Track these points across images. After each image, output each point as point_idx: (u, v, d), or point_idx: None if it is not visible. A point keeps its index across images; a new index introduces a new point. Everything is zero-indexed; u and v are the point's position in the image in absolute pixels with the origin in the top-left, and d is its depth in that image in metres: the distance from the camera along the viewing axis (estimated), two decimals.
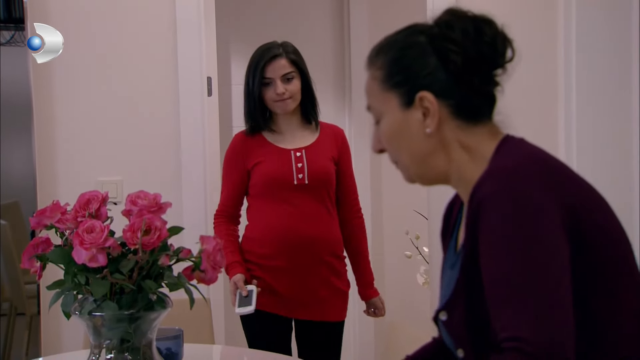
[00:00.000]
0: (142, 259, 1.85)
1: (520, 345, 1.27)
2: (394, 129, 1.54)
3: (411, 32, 1.55)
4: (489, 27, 1.51)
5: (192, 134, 3.64)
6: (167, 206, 1.95)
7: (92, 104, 3.64)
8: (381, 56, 1.56)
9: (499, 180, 1.38)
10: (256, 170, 3.11)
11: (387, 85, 1.54)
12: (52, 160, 3.62)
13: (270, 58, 3.06)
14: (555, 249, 1.33)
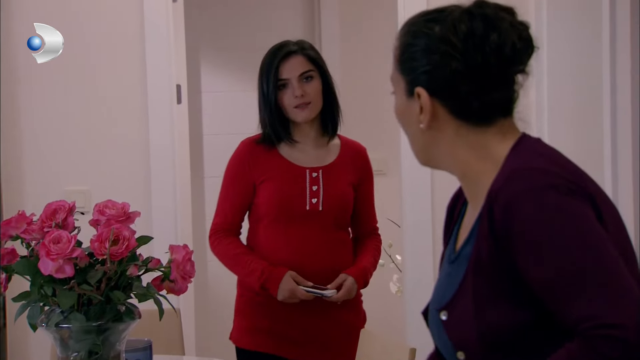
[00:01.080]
0: (110, 269, 1.84)
1: (614, 332, 1.26)
2: (400, 111, 1.51)
3: (432, 19, 1.46)
4: (499, 31, 1.41)
5: (162, 142, 3.61)
6: (136, 215, 1.95)
7: (58, 112, 3.61)
8: (400, 34, 1.50)
9: (527, 178, 1.36)
10: (263, 187, 2.69)
11: (399, 68, 1.49)
12: (17, 169, 3.57)
13: (285, 55, 2.65)
14: (603, 235, 1.34)
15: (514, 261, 1.35)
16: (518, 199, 1.34)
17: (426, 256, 3.71)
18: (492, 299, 1.38)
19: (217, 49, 4.79)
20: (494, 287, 1.38)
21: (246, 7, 4.85)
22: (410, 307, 3.63)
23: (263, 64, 2.70)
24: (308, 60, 2.67)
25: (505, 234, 1.35)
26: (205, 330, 4.00)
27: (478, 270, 1.40)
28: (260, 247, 2.71)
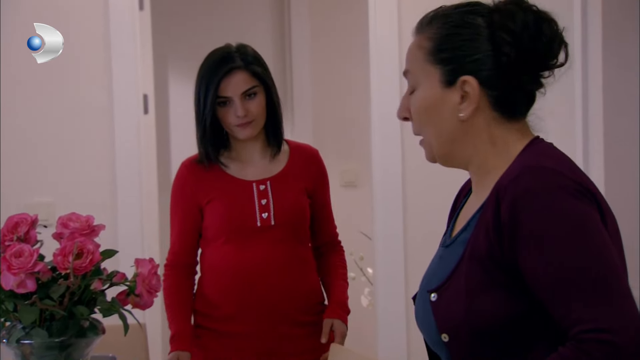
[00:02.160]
0: (74, 284, 1.81)
1: (607, 337, 1.28)
2: (427, 104, 1.52)
3: (470, 11, 1.51)
4: (549, 25, 1.48)
5: (128, 153, 3.58)
6: (100, 229, 1.92)
7: (22, 123, 3.56)
8: (433, 27, 1.52)
9: (537, 176, 1.39)
10: (210, 208, 2.55)
11: (433, 59, 1.50)
12: None
13: (227, 72, 2.49)
14: (608, 240, 1.36)
15: (515, 254, 1.38)
16: (527, 195, 1.37)
17: (398, 269, 3.69)
18: (485, 286, 1.40)
19: (186, 58, 4.74)
20: (489, 274, 1.40)
21: (215, 16, 4.84)
22: (381, 320, 3.61)
23: (202, 76, 2.52)
24: (252, 75, 2.50)
25: (510, 227, 1.38)
26: None
27: (474, 256, 1.43)
28: (212, 270, 2.56)
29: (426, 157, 1.58)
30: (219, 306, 2.54)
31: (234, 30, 4.80)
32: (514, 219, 1.37)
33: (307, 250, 2.62)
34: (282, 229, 2.53)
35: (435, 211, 3.77)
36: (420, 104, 1.52)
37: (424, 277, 1.57)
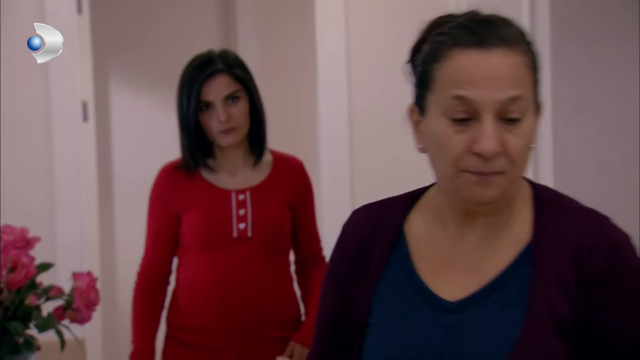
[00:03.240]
0: (7, 298, 1.80)
1: None
2: (533, 134, 1.26)
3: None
4: None
5: (66, 162, 3.53)
6: (36, 241, 1.90)
7: None
8: (526, 42, 1.27)
9: (611, 224, 1.28)
10: (187, 216, 2.49)
11: (535, 80, 1.27)
12: None
13: (209, 75, 2.42)
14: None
15: (595, 315, 1.24)
16: (622, 248, 1.26)
17: None
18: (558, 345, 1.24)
19: (128, 64, 4.69)
20: (572, 346, 1.24)
21: (158, 20, 4.79)
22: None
23: (184, 81, 2.46)
24: (234, 79, 2.44)
25: (604, 284, 1.24)
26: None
27: (553, 324, 1.24)
28: (187, 280, 2.50)
29: (492, 196, 1.25)
30: (191, 318, 2.47)
31: (177, 36, 4.75)
32: (612, 274, 1.24)
33: (284, 264, 2.56)
34: (259, 241, 2.46)
35: None
36: (530, 136, 1.25)
37: (416, 354, 1.30)
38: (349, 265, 1.39)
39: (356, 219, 1.45)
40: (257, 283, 2.46)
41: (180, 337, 2.50)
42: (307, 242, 2.62)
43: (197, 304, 2.47)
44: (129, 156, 4.69)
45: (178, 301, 2.52)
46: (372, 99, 3.76)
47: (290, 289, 2.57)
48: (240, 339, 2.44)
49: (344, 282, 1.38)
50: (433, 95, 1.28)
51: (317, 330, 1.44)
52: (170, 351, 2.53)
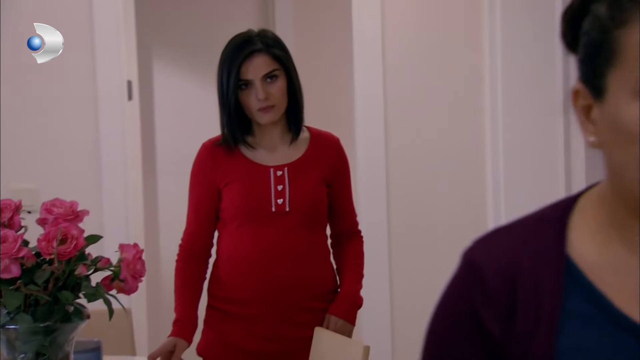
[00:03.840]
0: (58, 269, 1.82)
1: None
2: None
3: None
4: None
5: (112, 139, 3.57)
6: (85, 214, 1.92)
7: (5, 108, 3.55)
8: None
9: None
10: (227, 191, 2.54)
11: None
12: None
13: (248, 54, 2.46)
14: None
15: None
16: None
17: (381, 254, 3.72)
18: None
19: (170, 44, 4.75)
20: None
21: (199, 1, 4.82)
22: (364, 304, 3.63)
23: (224, 60, 2.50)
24: (273, 58, 2.48)
25: None
26: (158, 330, 3.96)
27: None
28: (227, 253, 2.56)
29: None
30: (231, 289, 2.53)
31: (217, 16, 4.79)
32: None
33: (321, 238, 2.60)
34: (297, 216, 2.51)
35: (419, 200, 3.82)
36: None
37: None
38: (496, 314, 1.03)
39: (486, 255, 1.06)
40: (294, 256, 2.51)
41: (220, 306, 2.56)
42: (343, 217, 2.66)
43: (237, 276, 2.52)
44: (171, 133, 4.76)
45: (219, 273, 2.58)
46: (407, 78, 3.78)
47: (327, 262, 2.62)
48: (278, 309, 2.50)
49: (491, 339, 1.03)
50: (617, 72, 0.96)
51: None
52: (211, 320, 2.59)
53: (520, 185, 3.68)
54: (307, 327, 2.52)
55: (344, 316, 2.56)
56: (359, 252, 2.69)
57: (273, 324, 2.50)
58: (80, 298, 1.89)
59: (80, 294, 1.88)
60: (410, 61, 3.77)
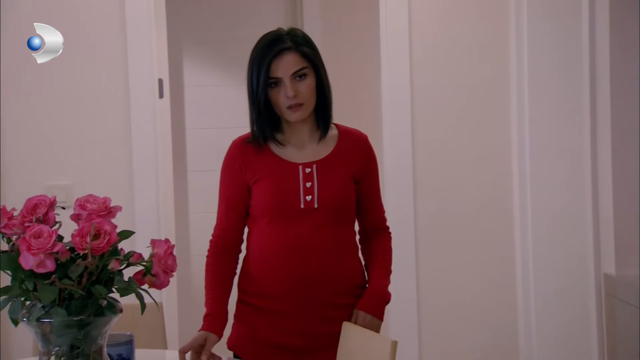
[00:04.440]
0: (92, 264, 1.83)
1: None
2: None
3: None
4: None
5: (144, 137, 3.61)
6: (117, 210, 1.93)
7: (40, 107, 3.60)
8: None
9: None
10: (256, 188, 2.56)
11: None
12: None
13: (278, 53, 2.47)
14: None
15: None
16: None
17: (408, 250, 3.73)
18: None
19: (200, 42, 4.78)
20: None
21: (228, 0, 4.84)
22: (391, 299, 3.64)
23: (253, 58, 2.51)
24: (302, 57, 2.49)
25: None
26: (188, 325, 3.99)
27: None
28: (257, 249, 2.58)
29: None
30: (261, 284, 2.55)
31: (246, 15, 4.82)
32: None
33: (349, 234, 2.61)
34: (325, 213, 2.52)
35: (445, 196, 3.83)
36: None
37: None
38: None
39: None
40: (323, 252, 2.52)
41: (250, 301, 2.58)
42: (371, 213, 2.67)
43: (266, 271, 2.54)
44: (201, 130, 4.80)
45: (249, 268, 2.60)
46: (434, 75, 3.78)
47: (356, 258, 2.63)
48: (307, 304, 2.52)
49: None
50: None
51: None
52: (241, 314, 2.61)
53: (546, 181, 3.67)
54: (335, 322, 2.53)
55: (372, 311, 2.57)
56: (387, 248, 2.70)
57: (302, 319, 2.52)
58: (113, 292, 1.90)
59: (113, 288, 1.90)
60: (437, 58, 3.78)
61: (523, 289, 3.76)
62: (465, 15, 3.79)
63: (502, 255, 3.84)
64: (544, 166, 3.68)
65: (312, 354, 2.55)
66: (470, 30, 3.78)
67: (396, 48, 3.72)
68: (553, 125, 3.67)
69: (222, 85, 4.77)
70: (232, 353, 2.65)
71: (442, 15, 3.78)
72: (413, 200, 3.75)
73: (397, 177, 3.73)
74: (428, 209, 3.79)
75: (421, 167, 3.78)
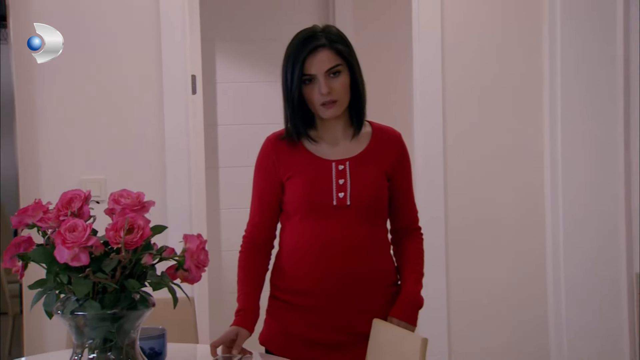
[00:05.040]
0: (125, 258, 1.84)
1: None
2: None
3: None
4: None
5: (177, 132, 3.63)
6: (151, 205, 1.94)
7: (75, 103, 3.63)
8: None
9: None
10: (290, 184, 2.57)
11: None
12: (34, 159, 3.60)
13: (312, 50, 2.48)
14: None
15: None
16: None
17: (439, 248, 3.73)
18: None
19: (232, 39, 4.80)
20: None
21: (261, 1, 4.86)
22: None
23: (288, 55, 2.52)
24: (336, 54, 2.49)
25: None
26: (219, 319, 4.02)
27: None
28: (289, 245, 2.59)
29: None
30: (293, 280, 2.56)
31: (278, 13, 4.83)
32: None
33: (381, 232, 2.61)
34: (357, 210, 2.53)
35: (476, 197, 3.81)
36: None
37: None
38: None
39: None
40: (355, 249, 2.52)
41: (283, 297, 2.60)
42: (403, 212, 2.67)
43: (298, 268, 2.55)
44: (233, 127, 4.82)
45: (281, 264, 2.61)
46: (466, 75, 3.77)
47: (387, 255, 2.63)
48: (339, 300, 2.52)
49: None
50: None
51: None
52: (273, 310, 2.63)
53: (578, 180, 3.65)
54: (366, 318, 2.54)
55: (406, 318, 2.58)
56: (419, 251, 2.69)
57: (333, 315, 2.53)
58: (145, 286, 1.91)
59: (145, 282, 1.91)
60: (469, 57, 3.76)
61: (554, 288, 3.74)
62: (497, 14, 3.77)
63: (533, 254, 3.82)
64: (576, 165, 3.66)
65: (343, 350, 2.56)
66: (503, 29, 3.76)
67: (428, 46, 3.71)
68: (585, 124, 3.65)
69: (254, 82, 4.79)
70: (263, 348, 2.66)
71: (474, 13, 3.76)
72: (444, 199, 3.74)
73: (428, 176, 3.72)
74: (459, 210, 3.78)
75: (452, 166, 3.77)
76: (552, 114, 3.67)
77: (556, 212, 3.70)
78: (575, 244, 3.68)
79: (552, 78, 3.65)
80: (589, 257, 3.66)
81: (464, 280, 3.80)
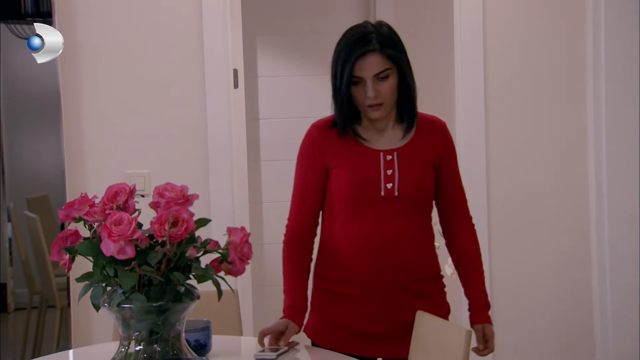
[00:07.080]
0: (170, 251, 1.86)
1: None
2: None
3: None
4: None
5: (219, 126, 3.64)
6: (194, 198, 1.95)
7: (119, 98, 3.66)
8: None
9: None
10: (335, 173, 2.55)
11: None
12: (80, 153, 3.64)
13: (362, 54, 2.47)
14: None
15: None
16: None
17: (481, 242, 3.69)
18: None
19: (273, 33, 4.81)
20: None
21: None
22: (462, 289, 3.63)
23: (339, 54, 2.50)
24: (386, 58, 2.47)
25: None
26: (262, 312, 4.03)
27: None
28: (333, 237, 2.57)
29: None
30: (338, 271, 2.55)
31: (319, 7, 4.82)
32: None
33: (427, 223, 2.60)
34: (405, 201, 2.52)
35: (519, 183, 3.78)
36: None
37: None
38: None
39: None
40: (401, 240, 2.51)
41: (327, 287, 2.59)
42: (452, 201, 2.65)
43: (344, 258, 2.53)
44: (274, 121, 4.83)
45: (326, 255, 2.59)
46: (508, 70, 3.72)
47: (432, 247, 2.62)
48: (385, 290, 2.51)
49: None
50: None
51: None
52: (318, 301, 2.62)
53: (623, 173, 3.60)
54: (412, 309, 2.53)
55: (486, 320, 2.62)
56: (476, 247, 2.68)
57: (379, 306, 2.52)
58: (190, 279, 1.93)
59: (190, 275, 1.92)
60: (511, 52, 3.73)
61: (599, 282, 3.70)
62: (541, 11, 3.73)
63: (577, 248, 3.78)
64: (620, 157, 3.61)
65: (388, 341, 2.55)
66: (546, 25, 3.72)
67: (470, 44, 3.68)
68: (630, 116, 3.60)
69: (295, 76, 4.79)
70: (309, 341, 2.66)
71: (517, 11, 3.72)
72: (486, 191, 3.72)
73: (471, 170, 3.68)
74: (501, 202, 3.75)
75: (495, 162, 3.73)
76: (597, 105, 3.63)
77: (601, 205, 3.65)
78: (620, 239, 3.64)
79: (596, 69, 3.61)
80: (635, 251, 3.62)
81: (506, 273, 3.77)
